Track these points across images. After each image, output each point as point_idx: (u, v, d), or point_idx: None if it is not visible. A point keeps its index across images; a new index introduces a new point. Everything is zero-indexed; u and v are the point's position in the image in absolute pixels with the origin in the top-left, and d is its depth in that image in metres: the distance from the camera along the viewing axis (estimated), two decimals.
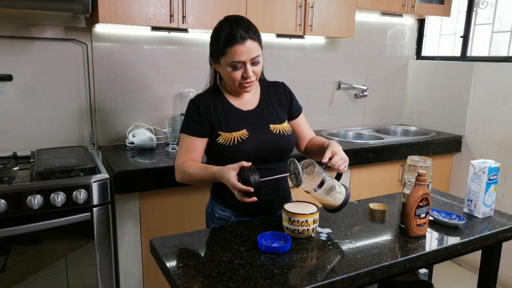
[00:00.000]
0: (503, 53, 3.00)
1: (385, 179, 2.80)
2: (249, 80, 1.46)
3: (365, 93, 3.25)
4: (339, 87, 3.23)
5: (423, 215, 1.38)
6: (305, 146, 1.69)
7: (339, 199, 1.40)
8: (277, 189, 1.58)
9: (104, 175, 1.89)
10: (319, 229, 1.42)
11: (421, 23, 3.47)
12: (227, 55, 1.42)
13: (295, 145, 1.65)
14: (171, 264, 1.20)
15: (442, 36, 3.46)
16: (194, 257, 1.23)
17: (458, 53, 3.24)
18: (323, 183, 1.33)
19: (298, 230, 1.31)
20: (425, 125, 3.37)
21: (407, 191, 1.41)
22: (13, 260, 1.78)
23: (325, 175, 1.34)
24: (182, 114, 2.55)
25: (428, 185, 1.40)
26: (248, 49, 1.41)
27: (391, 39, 3.38)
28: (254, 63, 1.45)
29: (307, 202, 1.40)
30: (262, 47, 1.48)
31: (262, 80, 1.64)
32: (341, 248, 1.31)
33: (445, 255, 1.36)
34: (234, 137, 1.49)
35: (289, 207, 1.35)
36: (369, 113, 3.42)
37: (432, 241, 1.40)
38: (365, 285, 1.20)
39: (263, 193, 1.44)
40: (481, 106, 2.97)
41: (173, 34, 2.52)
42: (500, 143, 2.86)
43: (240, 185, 1.28)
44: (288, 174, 1.36)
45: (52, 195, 1.75)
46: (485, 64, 2.93)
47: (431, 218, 1.48)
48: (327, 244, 1.33)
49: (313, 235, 1.37)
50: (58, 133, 2.35)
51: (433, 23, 3.47)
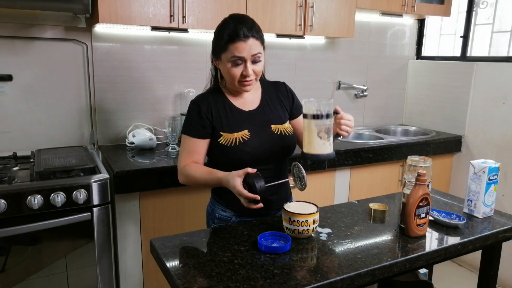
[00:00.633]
0: (503, 53, 3.00)
1: (385, 179, 2.80)
2: (248, 78, 1.46)
3: (365, 93, 3.25)
4: (339, 87, 3.22)
5: (423, 215, 1.38)
6: None
7: (325, 149, 1.36)
8: (278, 189, 1.58)
9: (104, 175, 1.89)
10: (319, 229, 1.42)
11: (421, 23, 3.47)
12: (228, 51, 1.43)
13: (296, 144, 1.65)
14: (171, 264, 1.20)
15: (442, 36, 3.46)
16: (194, 257, 1.23)
17: (458, 53, 3.24)
18: (328, 116, 1.32)
19: (298, 230, 1.31)
20: (425, 125, 3.37)
21: (407, 191, 1.41)
22: (13, 260, 1.78)
23: (332, 119, 1.36)
24: (182, 114, 2.55)
25: (428, 185, 1.40)
26: (249, 46, 1.42)
27: (391, 39, 3.38)
28: (254, 61, 1.45)
29: (307, 202, 1.40)
30: (264, 47, 1.49)
31: (263, 80, 1.64)
32: (341, 248, 1.31)
33: (445, 255, 1.36)
34: (235, 138, 1.49)
35: (289, 207, 1.35)
36: (369, 113, 3.42)
37: (432, 241, 1.40)
38: (365, 285, 1.20)
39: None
40: (481, 106, 2.97)
41: (173, 34, 2.52)
42: (500, 143, 2.86)
43: (246, 193, 1.30)
44: (292, 178, 1.36)
45: (52, 195, 1.75)
46: (485, 64, 2.93)
47: (431, 218, 1.48)
48: (327, 244, 1.33)
49: (313, 235, 1.37)
50: (58, 133, 2.35)
51: (433, 23, 3.47)
